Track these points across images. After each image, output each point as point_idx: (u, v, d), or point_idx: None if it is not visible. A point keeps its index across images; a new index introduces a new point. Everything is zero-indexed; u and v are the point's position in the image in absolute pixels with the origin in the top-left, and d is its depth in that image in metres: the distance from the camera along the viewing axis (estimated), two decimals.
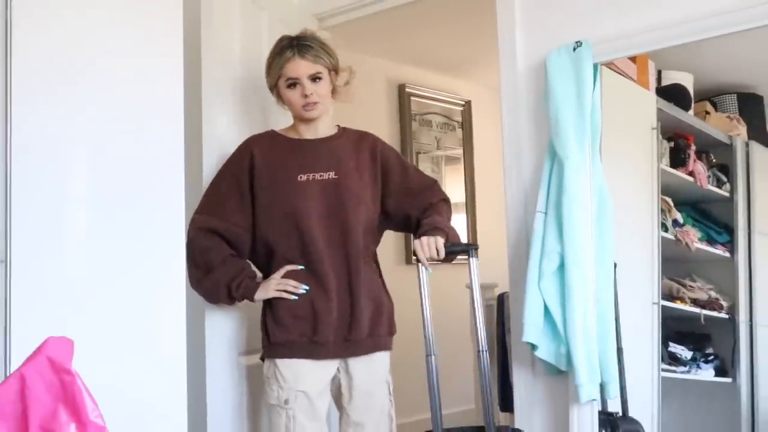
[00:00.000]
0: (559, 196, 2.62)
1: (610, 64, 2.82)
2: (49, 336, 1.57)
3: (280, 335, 2.53)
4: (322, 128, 2.68)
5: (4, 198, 2.27)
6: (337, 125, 2.73)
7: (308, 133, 2.66)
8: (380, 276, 2.70)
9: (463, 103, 5.86)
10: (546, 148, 2.73)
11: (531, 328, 2.61)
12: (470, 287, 2.60)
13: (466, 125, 5.87)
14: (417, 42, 4.77)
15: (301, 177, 2.57)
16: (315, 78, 2.58)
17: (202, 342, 2.70)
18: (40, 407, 1.51)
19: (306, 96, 2.56)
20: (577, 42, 2.66)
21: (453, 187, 5.72)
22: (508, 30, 2.91)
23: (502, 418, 3.77)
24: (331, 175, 2.59)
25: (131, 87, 2.57)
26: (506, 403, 3.38)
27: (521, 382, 2.88)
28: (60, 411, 1.51)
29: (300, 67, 2.57)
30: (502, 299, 3.64)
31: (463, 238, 5.62)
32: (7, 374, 2.22)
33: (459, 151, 5.84)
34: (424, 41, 4.84)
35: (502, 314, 3.61)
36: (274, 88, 2.66)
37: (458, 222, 5.74)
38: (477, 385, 4.19)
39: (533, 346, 2.64)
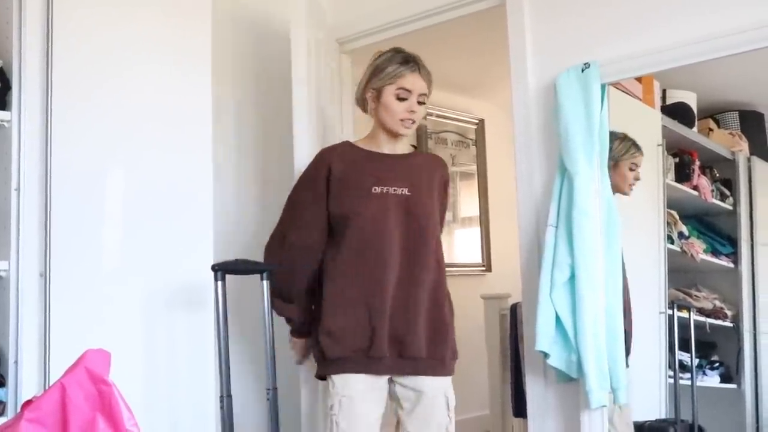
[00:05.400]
0: (569, 210, 2.64)
1: (617, 84, 2.84)
2: (88, 348, 1.64)
3: (336, 351, 2.50)
4: (400, 147, 2.67)
5: (44, 215, 2.36)
6: (412, 145, 2.72)
7: (386, 147, 2.64)
8: (449, 300, 2.66)
9: (477, 121, 5.90)
10: (556, 164, 2.75)
11: (543, 337, 2.63)
12: None
13: (480, 143, 5.92)
14: (433, 64, 4.70)
15: (375, 189, 2.55)
16: (421, 100, 2.59)
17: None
18: (79, 416, 1.56)
19: (411, 112, 2.56)
20: (585, 63, 2.69)
21: (467, 202, 5.78)
22: (519, 52, 2.95)
23: (515, 424, 3.83)
24: (405, 191, 2.57)
25: (163, 111, 2.66)
26: (520, 409, 3.44)
27: (534, 388, 2.90)
28: (98, 420, 1.57)
29: (417, 83, 2.58)
30: (515, 309, 3.67)
31: (477, 252, 5.75)
32: (46, 379, 2.32)
33: (473, 168, 5.89)
34: (439, 63, 4.75)
35: (515, 323, 3.65)
36: (374, 91, 2.61)
37: (472, 235, 5.81)
38: (491, 391, 4.27)
39: (545, 355, 2.66)
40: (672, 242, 3.18)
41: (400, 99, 2.57)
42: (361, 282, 2.51)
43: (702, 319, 3.13)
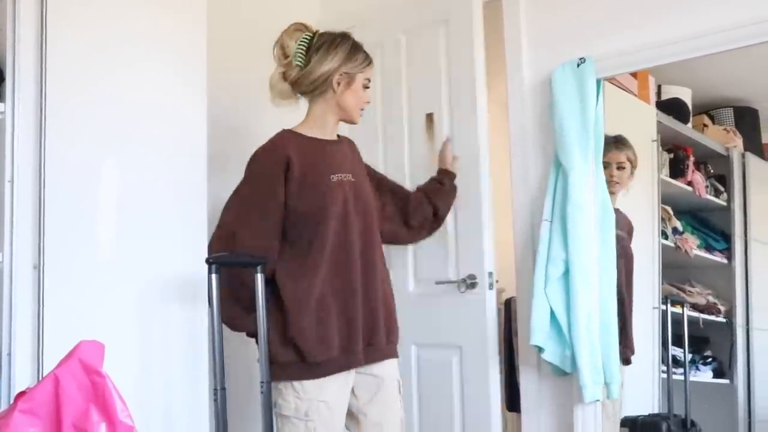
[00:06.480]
0: (564, 205, 2.65)
1: (612, 80, 2.86)
2: (82, 339, 1.64)
3: (319, 353, 2.37)
4: (331, 132, 2.57)
5: (37, 207, 2.34)
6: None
7: (329, 134, 2.55)
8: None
9: None
10: (551, 159, 2.76)
11: (538, 332, 2.64)
12: None
13: None
14: None
15: (333, 177, 2.45)
16: None
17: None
18: (72, 407, 1.57)
19: (367, 102, 2.58)
20: (580, 59, 2.70)
21: None
22: (515, 47, 2.97)
23: (509, 418, 3.82)
24: (350, 177, 2.49)
25: (158, 105, 2.63)
26: (513, 403, 3.39)
27: (528, 383, 2.92)
28: (91, 411, 1.58)
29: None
30: (509, 303, 3.64)
31: None
32: (40, 372, 2.31)
33: None
34: None
35: (509, 318, 3.63)
36: (346, 75, 2.51)
37: None
38: None
39: (540, 349, 2.66)
40: (666, 238, 3.19)
41: (366, 87, 2.57)
42: (333, 277, 2.42)
43: (695, 314, 3.14)
